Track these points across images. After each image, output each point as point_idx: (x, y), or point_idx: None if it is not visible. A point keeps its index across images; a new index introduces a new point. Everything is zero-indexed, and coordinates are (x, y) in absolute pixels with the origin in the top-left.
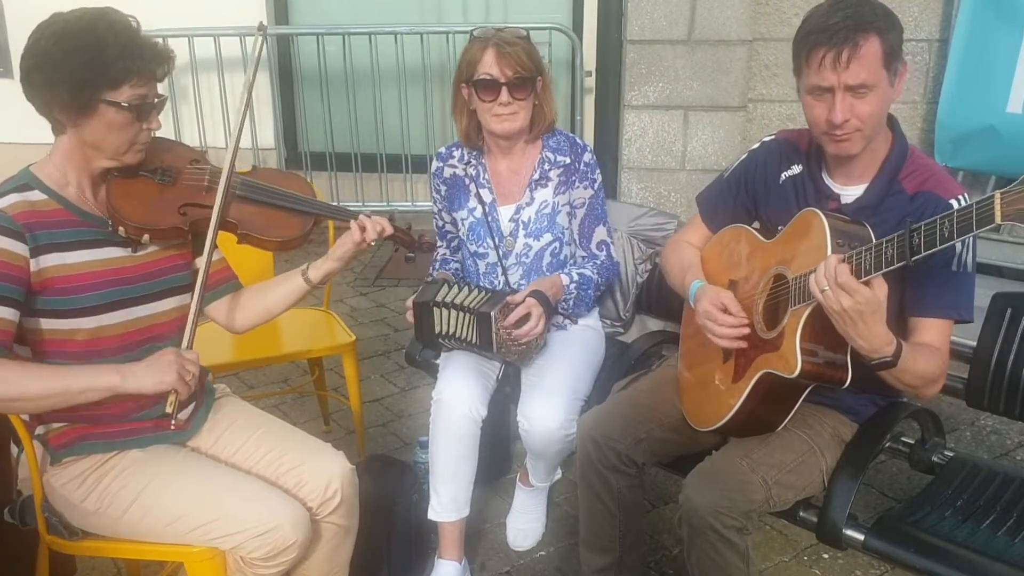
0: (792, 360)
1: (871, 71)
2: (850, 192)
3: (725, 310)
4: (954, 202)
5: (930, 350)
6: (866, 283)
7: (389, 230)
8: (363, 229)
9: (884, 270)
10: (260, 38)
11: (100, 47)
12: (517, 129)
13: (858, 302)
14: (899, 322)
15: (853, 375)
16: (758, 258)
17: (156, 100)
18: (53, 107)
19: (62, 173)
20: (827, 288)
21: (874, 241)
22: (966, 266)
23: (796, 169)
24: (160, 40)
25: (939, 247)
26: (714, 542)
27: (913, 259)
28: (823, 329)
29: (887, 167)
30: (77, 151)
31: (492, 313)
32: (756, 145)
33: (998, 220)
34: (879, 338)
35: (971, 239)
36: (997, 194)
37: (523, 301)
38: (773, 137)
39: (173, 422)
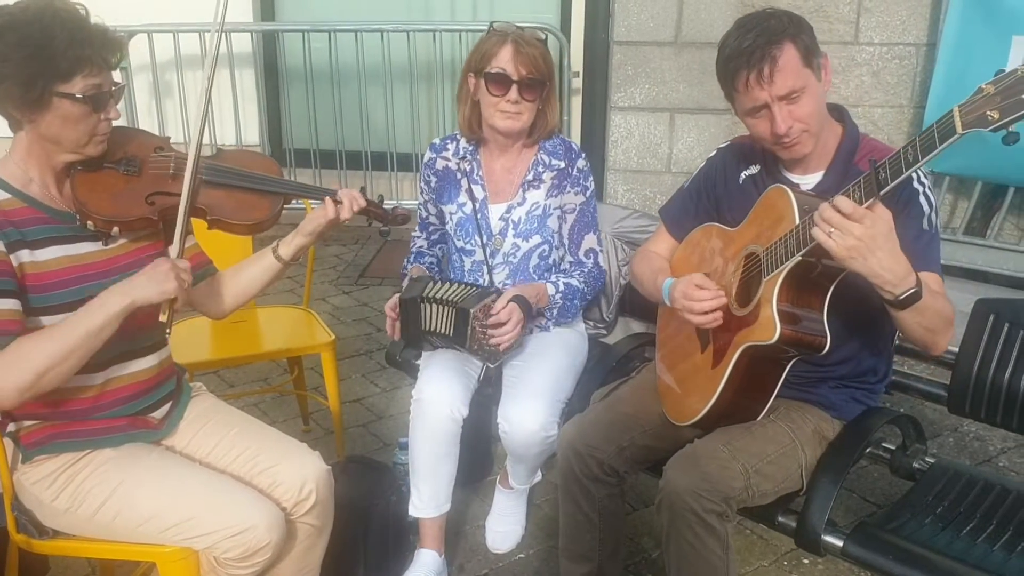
0: (771, 326)
1: (796, 75)
2: (808, 180)
3: (700, 287)
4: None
5: (936, 292)
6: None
7: (362, 203)
8: (338, 204)
9: (863, 206)
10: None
11: (47, 38)
12: (519, 129)
13: (868, 227)
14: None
15: (838, 353)
16: (728, 247)
17: (112, 89)
18: (6, 103)
19: (23, 170)
20: (833, 230)
21: None
22: (935, 226)
23: (754, 168)
24: (112, 27)
25: (906, 172)
26: (693, 526)
27: (881, 192)
28: (798, 291)
29: (841, 153)
30: (37, 146)
31: (472, 311)
32: (713, 153)
33: (959, 130)
34: (901, 264)
35: (935, 200)
36: (955, 108)
37: (505, 306)
38: (728, 143)
39: (168, 330)
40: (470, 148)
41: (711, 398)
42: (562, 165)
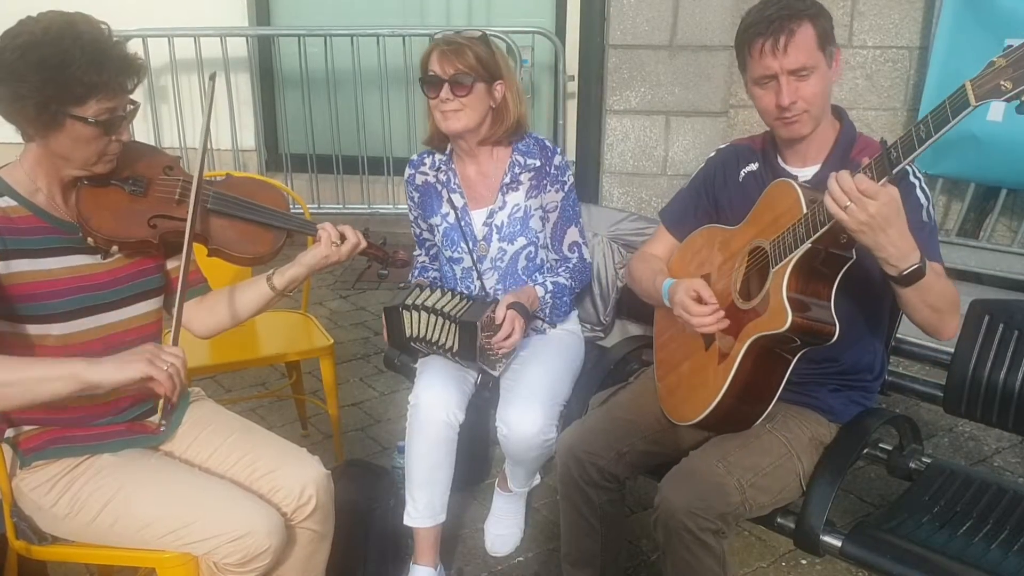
0: (782, 313)
1: (808, 54)
2: (807, 172)
3: (699, 298)
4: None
5: (940, 275)
6: None
7: (362, 245)
8: (341, 237)
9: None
10: (213, 84)
11: (65, 62)
12: (462, 127)
13: (883, 203)
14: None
15: (837, 347)
16: (731, 244)
17: (127, 110)
18: (19, 120)
19: (32, 179)
20: (850, 204)
21: None
22: (933, 219)
23: (753, 165)
24: (131, 49)
25: (919, 148)
26: (689, 544)
27: (894, 170)
28: (807, 280)
29: (839, 147)
30: (46, 159)
31: (478, 323)
32: (712, 154)
33: (973, 102)
34: (907, 241)
35: (930, 195)
36: (967, 82)
37: (504, 316)
38: (726, 145)
39: (162, 425)
40: (444, 159)
41: (717, 394)
42: (537, 163)
